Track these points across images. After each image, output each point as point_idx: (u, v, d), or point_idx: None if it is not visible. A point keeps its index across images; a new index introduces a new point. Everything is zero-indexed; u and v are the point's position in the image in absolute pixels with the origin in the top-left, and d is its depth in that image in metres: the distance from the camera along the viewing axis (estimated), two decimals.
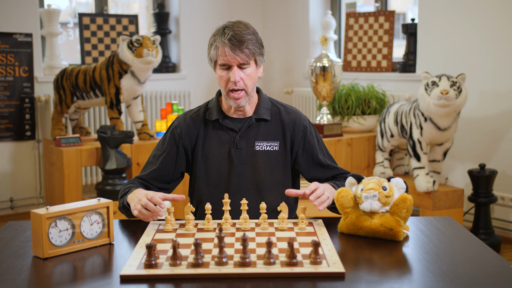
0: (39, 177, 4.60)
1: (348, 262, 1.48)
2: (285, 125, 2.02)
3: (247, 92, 1.93)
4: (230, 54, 1.88)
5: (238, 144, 1.99)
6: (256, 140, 2.00)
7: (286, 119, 2.02)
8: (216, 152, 2.00)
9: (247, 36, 1.89)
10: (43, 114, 4.61)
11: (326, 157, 2.07)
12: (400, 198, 1.67)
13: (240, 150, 1.99)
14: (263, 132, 2.00)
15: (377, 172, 3.99)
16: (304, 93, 5.30)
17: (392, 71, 4.73)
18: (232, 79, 1.90)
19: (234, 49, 1.87)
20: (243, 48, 1.88)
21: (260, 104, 2.02)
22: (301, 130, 2.02)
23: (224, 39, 1.88)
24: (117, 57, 3.91)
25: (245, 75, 1.92)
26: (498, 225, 3.87)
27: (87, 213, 1.62)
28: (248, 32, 1.91)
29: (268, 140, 2.00)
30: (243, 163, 1.99)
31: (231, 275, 1.40)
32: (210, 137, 2.01)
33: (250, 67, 1.93)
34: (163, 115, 4.38)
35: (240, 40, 1.88)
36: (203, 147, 2.01)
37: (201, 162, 2.01)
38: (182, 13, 5.33)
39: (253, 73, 1.94)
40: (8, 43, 4.42)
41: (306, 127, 2.04)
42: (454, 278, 1.38)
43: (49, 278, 1.43)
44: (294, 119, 2.03)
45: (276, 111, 2.04)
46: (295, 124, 2.02)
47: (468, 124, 3.99)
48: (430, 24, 4.25)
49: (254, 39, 1.92)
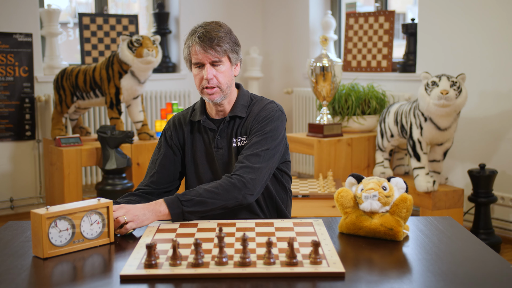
0: (39, 177, 4.60)
1: (348, 262, 1.48)
2: (250, 118, 1.99)
3: (222, 89, 1.93)
4: (201, 52, 1.88)
5: (218, 144, 2.00)
6: (232, 137, 2.00)
7: (253, 111, 2.00)
8: (202, 153, 2.03)
9: (218, 34, 1.89)
10: (43, 114, 4.61)
11: (255, 146, 1.90)
12: (400, 198, 1.67)
13: (221, 150, 2.00)
14: (237, 128, 2.00)
15: (377, 172, 3.99)
16: (304, 93, 5.30)
17: (392, 71, 4.73)
18: (205, 77, 1.90)
19: (204, 46, 1.87)
20: (213, 45, 1.88)
21: (237, 101, 2.02)
22: (257, 120, 1.96)
23: (195, 37, 1.89)
24: (117, 57, 3.91)
25: (218, 73, 1.91)
26: (498, 225, 3.87)
27: (87, 213, 1.62)
28: (220, 30, 1.91)
29: (242, 135, 1.99)
30: (225, 162, 2.00)
31: (231, 275, 1.39)
32: (196, 138, 2.03)
33: (223, 64, 1.92)
34: (163, 115, 4.38)
35: (210, 37, 1.88)
36: (191, 148, 2.04)
37: (190, 164, 2.04)
38: (182, 13, 5.33)
39: (227, 71, 1.93)
40: (8, 43, 4.42)
41: (261, 114, 1.96)
42: (454, 278, 1.38)
43: (49, 278, 1.43)
44: (257, 109, 1.99)
45: (251, 107, 2.02)
46: (256, 116, 1.97)
47: (468, 124, 3.99)
48: (430, 24, 4.25)
49: (226, 37, 1.91)
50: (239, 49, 1.98)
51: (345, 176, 3.96)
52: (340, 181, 3.72)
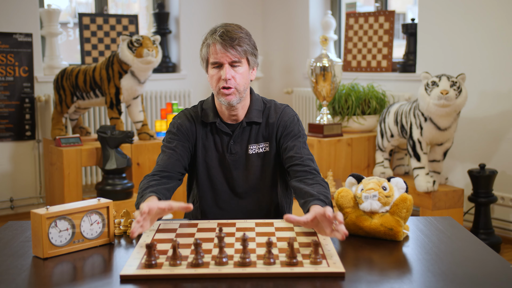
0: (39, 177, 4.60)
1: (348, 262, 1.48)
2: (274, 124, 1.97)
3: (239, 90, 1.88)
4: (221, 51, 1.84)
5: (232, 149, 1.96)
6: (249, 144, 1.96)
7: (274, 117, 1.98)
8: (213, 155, 1.97)
9: (239, 34, 1.86)
10: (43, 114, 4.61)
11: (300, 146, 1.94)
12: (400, 198, 1.67)
13: (234, 155, 1.96)
14: (255, 134, 1.97)
15: (377, 172, 3.99)
16: (304, 93, 5.30)
17: (392, 71, 4.73)
18: (223, 77, 1.85)
19: (225, 45, 1.84)
20: (235, 45, 1.84)
21: (251, 107, 1.98)
22: (282, 125, 1.97)
23: (216, 36, 1.85)
24: (117, 57, 3.91)
25: (237, 74, 1.87)
26: (498, 225, 3.87)
27: (87, 213, 1.62)
28: (241, 31, 1.88)
29: (259, 142, 1.97)
30: (238, 168, 1.96)
31: (231, 275, 1.40)
32: (209, 139, 1.97)
33: (242, 66, 1.88)
34: (163, 115, 4.38)
35: (232, 37, 1.84)
36: (203, 148, 1.98)
37: (202, 165, 1.98)
38: (182, 13, 5.33)
39: (245, 73, 1.89)
40: (8, 43, 4.42)
41: (287, 120, 1.98)
42: (454, 278, 1.38)
43: (49, 278, 1.43)
44: (281, 117, 1.98)
45: (267, 111, 2.00)
46: (281, 122, 1.97)
47: (468, 124, 3.99)
48: (430, 24, 4.25)
49: (247, 38, 1.88)
50: (257, 53, 1.94)
51: (345, 176, 3.96)
52: (340, 181, 3.72)
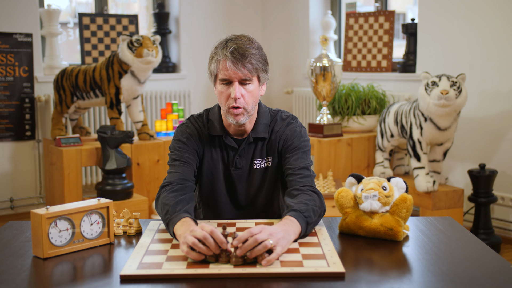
0: (39, 177, 4.60)
1: (348, 262, 1.48)
2: (276, 138, 1.93)
3: (247, 110, 1.81)
4: (231, 69, 1.76)
5: (237, 164, 1.92)
6: (254, 159, 1.93)
7: (278, 131, 1.93)
8: (219, 168, 1.93)
9: (250, 50, 1.78)
10: (43, 114, 4.61)
11: (300, 160, 1.88)
12: (400, 198, 1.67)
13: (239, 170, 1.93)
14: (260, 149, 1.93)
15: (377, 172, 3.99)
16: (304, 93, 5.30)
17: (392, 71, 4.73)
18: (233, 95, 1.78)
19: (236, 63, 1.75)
20: (246, 62, 1.77)
21: (258, 120, 1.92)
22: (283, 138, 1.93)
23: (226, 52, 1.76)
24: (117, 57, 3.91)
25: (246, 92, 1.80)
26: (498, 225, 3.87)
27: (87, 213, 1.62)
28: (252, 46, 1.80)
29: (263, 156, 1.94)
30: (242, 182, 1.94)
31: (231, 275, 1.40)
32: (215, 152, 1.93)
33: (252, 83, 1.81)
34: (163, 115, 4.38)
35: (243, 54, 1.76)
36: (210, 160, 1.93)
37: (208, 176, 1.95)
38: (182, 13, 5.33)
39: (255, 91, 1.82)
40: (8, 43, 4.42)
41: (289, 134, 1.93)
42: (454, 278, 1.38)
43: (49, 278, 1.43)
44: (284, 130, 1.93)
45: (273, 124, 1.94)
46: (282, 135, 1.93)
47: (468, 124, 3.99)
48: (430, 24, 4.25)
49: (258, 54, 1.80)
50: (268, 68, 1.87)
51: (345, 176, 3.96)
52: (340, 181, 3.72)
